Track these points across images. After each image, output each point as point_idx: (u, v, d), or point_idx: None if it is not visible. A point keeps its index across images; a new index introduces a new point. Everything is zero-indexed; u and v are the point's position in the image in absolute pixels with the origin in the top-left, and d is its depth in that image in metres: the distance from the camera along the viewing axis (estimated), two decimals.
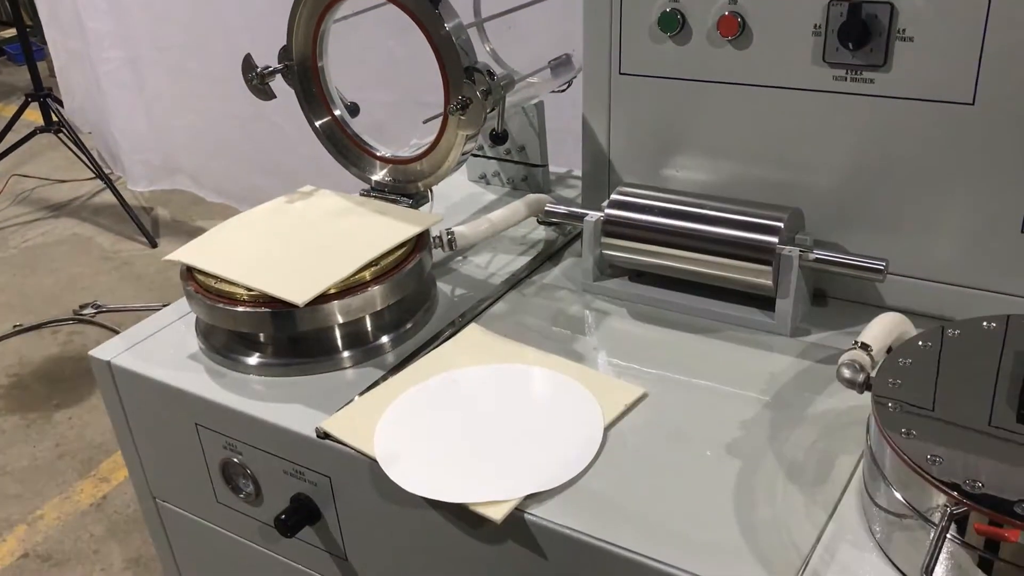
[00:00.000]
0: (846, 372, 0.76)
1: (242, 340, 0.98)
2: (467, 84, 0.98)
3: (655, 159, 1.08)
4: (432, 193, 1.12)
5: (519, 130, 1.28)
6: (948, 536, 0.62)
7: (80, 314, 2.81)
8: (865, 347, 0.79)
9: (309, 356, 0.96)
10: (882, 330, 0.82)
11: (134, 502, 1.99)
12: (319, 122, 1.16)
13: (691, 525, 0.73)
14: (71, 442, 2.29)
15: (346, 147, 1.16)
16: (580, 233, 1.08)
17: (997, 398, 0.70)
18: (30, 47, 3.39)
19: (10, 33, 5.02)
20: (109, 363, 1.00)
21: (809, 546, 0.70)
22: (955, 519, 0.61)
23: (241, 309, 0.93)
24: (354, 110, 1.17)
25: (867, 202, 0.97)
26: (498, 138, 1.04)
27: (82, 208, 3.57)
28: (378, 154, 1.14)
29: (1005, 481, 0.62)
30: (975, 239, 0.93)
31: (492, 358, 0.93)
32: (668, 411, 0.86)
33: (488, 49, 1.26)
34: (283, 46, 1.12)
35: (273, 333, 0.96)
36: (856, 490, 0.75)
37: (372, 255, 0.96)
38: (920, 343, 0.77)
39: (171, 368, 0.97)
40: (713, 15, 0.98)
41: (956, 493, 0.61)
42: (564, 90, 1.25)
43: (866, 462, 0.72)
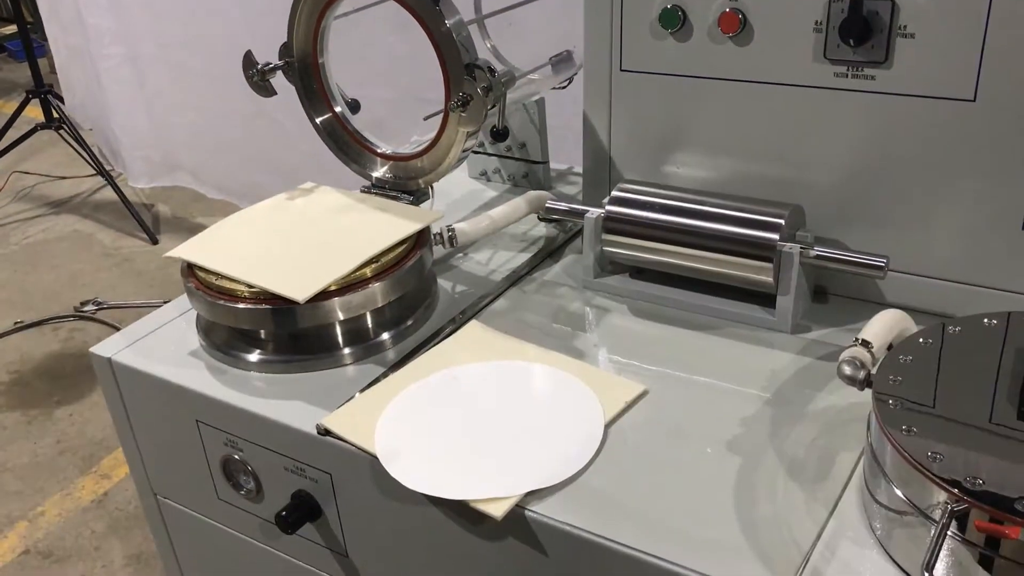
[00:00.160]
0: (847, 369, 0.76)
1: (243, 337, 0.98)
2: (468, 81, 0.98)
3: (656, 156, 1.08)
4: (433, 190, 1.12)
5: (520, 127, 1.28)
6: (949, 533, 0.62)
7: (81, 311, 2.81)
8: (866, 344, 0.79)
9: (310, 353, 0.96)
10: (883, 327, 0.82)
11: (135, 499, 1.99)
12: (320, 119, 1.16)
13: (692, 522, 0.73)
14: (72, 439, 2.29)
15: (347, 144, 1.16)
16: (581, 230, 1.08)
17: (998, 395, 0.70)
18: (31, 44, 3.39)
19: (11, 30, 5.02)
20: (110, 360, 1.00)
21: (810, 543, 0.70)
22: (956, 516, 0.61)
23: (242, 306, 0.93)
24: (355, 107, 1.17)
25: (868, 199, 0.97)
26: (499, 135, 1.04)
27: (83, 205, 3.57)
28: (379, 151, 1.14)
29: (1006, 478, 0.62)
30: (976, 236, 0.92)
31: (493, 355, 0.93)
32: (669, 408, 0.86)
33: (489, 46, 1.26)
34: (284, 43, 1.12)
35: (274, 330, 0.96)
36: (857, 487, 0.75)
37: (373, 252, 0.96)
38: (921, 340, 0.77)
39: (172, 365, 0.98)
40: (714, 12, 0.98)
41: (957, 490, 0.61)
42: (565, 87, 1.25)
43: (867, 459, 0.72)
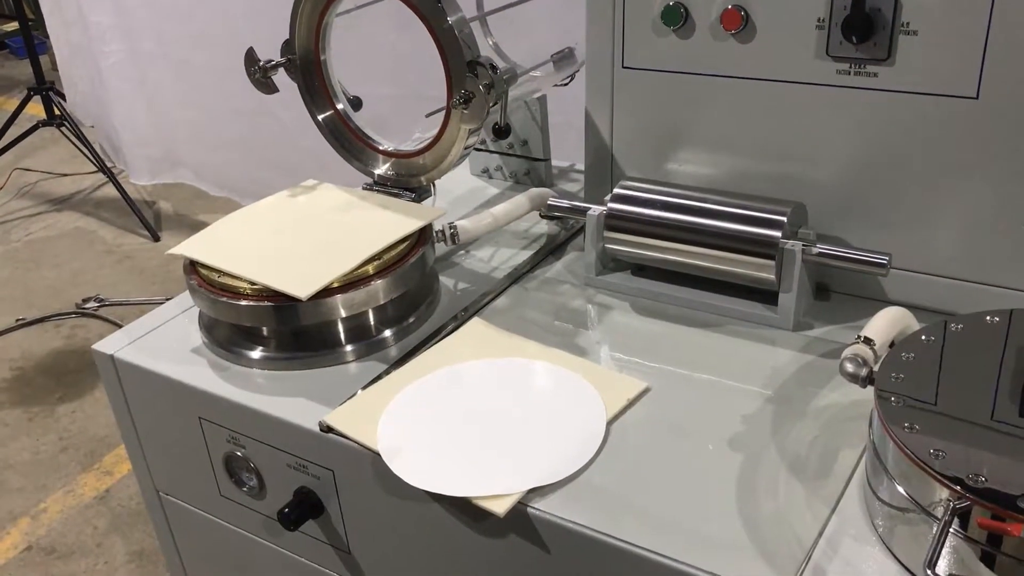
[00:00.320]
0: (849, 366, 0.76)
1: (245, 334, 0.98)
2: (470, 78, 0.98)
3: (658, 153, 1.08)
4: (435, 187, 1.12)
5: (522, 124, 1.28)
6: (951, 530, 0.62)
7: (83, 308, 2.81)
8: (868, 341, 0.79)
9: (312, 350, 0.96)
10: (885, 324, 0.82)
11: (137, 495, 2.00)
12: (322, 116, 1.16)
13: (694, 519, 0.73)
14: (74, 436, 2.30)
15: (349, 141, 1.16)
16: (583, 227, 1.08)
17: (1000, 392, 0.70)
18: (32, 41, 3.39)
19: (12, 27, 5.02)
20: (112, 357, 1.00)
21: (811, 540, 0.70)
22: (958, 513, 0.61)
23: (244, 303, 0.93)
24: (357, 104, 1.17)
25: (870, 196, 0.97)
26: (501, 132, 1.03)
27: (84, 202, 3.57)
28: (381, 148, 1.14)
29: (1008, 475, 0.62)
30: (978, 233, 0.92)
31: (495, 352, 0.93)
32: (671, 405, 0.86)
33: (491, 43, 1.26)
34: (286, 40, 1.12)
35: (276, 327, 0.96)
36: (859, 484, 0.75)
37: (375, 249, 0.96)
38: (923, 337, 0.77)
39: (174, 362, 0.98)
40: (716, 9, 0.98)
41: (959, 487, 0.61)
42: (567, 84, 1.25)
43: (869, 456, 0.72)
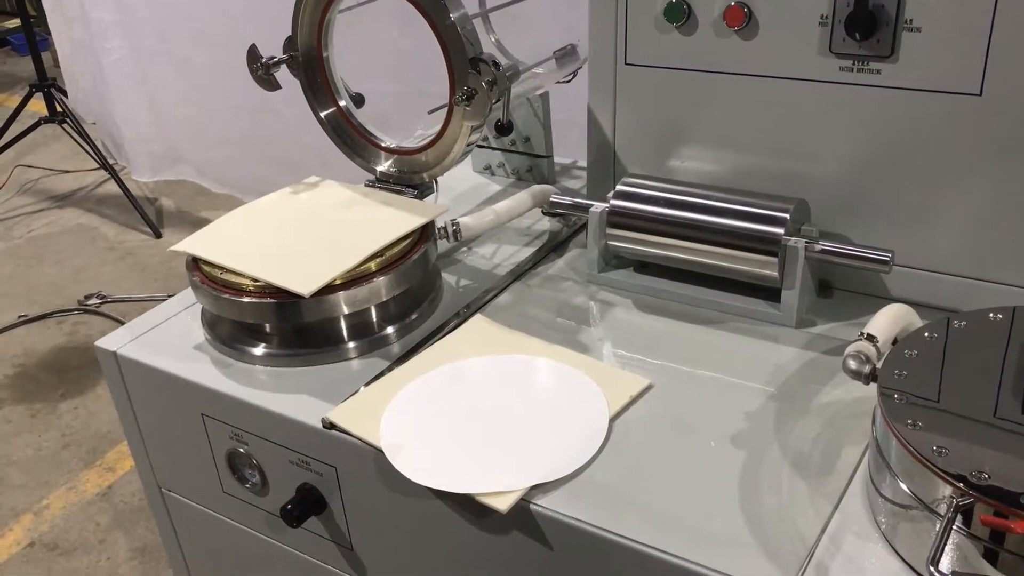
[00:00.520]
0: (852, 363, 0.76)
1: (248, 330, 0.98)
2: (472, 75, 0.98)
3: (660, 150, 1.08)
4: (437, 184, 1.12)
5: (524, 121, 1.28)
6: (954, 527, 0.62)
7: (85, 304, 2.81)
8: (871, 338, 0.79)
9: (315, 347, 0.96)
10: (888, 321, 0.82)
11: (140, 492, 2.00)
12: (324, 113, 1.16)
13: (696, 516, 0.73)
14: (77, 432, 2.30)
15: (351, 138, 1.16)
16: (585, 224, 1.08)
17: (1003, 390, 0.70)
18: (34, 37, 3.38)
19: (14, 23, 5.02)
20: (115, 353, 1.00)
21: (814, 537, 0.70)
22: (961, 510, 0.61)
23: (247, 299, 0.93)
24: (359, 101, 1.17)
25: (873, 193, 0.96)
26: (503, 129, 1.03)
27: (86, 198, 3.57)
28: (383, 145, 1.14)
29: (1011, 472, 0.62)
30: (981, 230, 0.92)
31: (497, 349, 0.93)
32: (673, 402, 0.86)
33: (493, 40, 1.26)
34: (288, 36, 1.12)
35: (279, 324, 0.96)
36: (861, 481, 0.75)
37: (377, 246, 0.96)
38: (926, 334, 0.77)
39: (177, 358, 0.98)
40: (719, 5, 0.97)
41: (962, 484, 0.61)
42: (569, 81, 1.25)
43: (871, 453, 0.72)
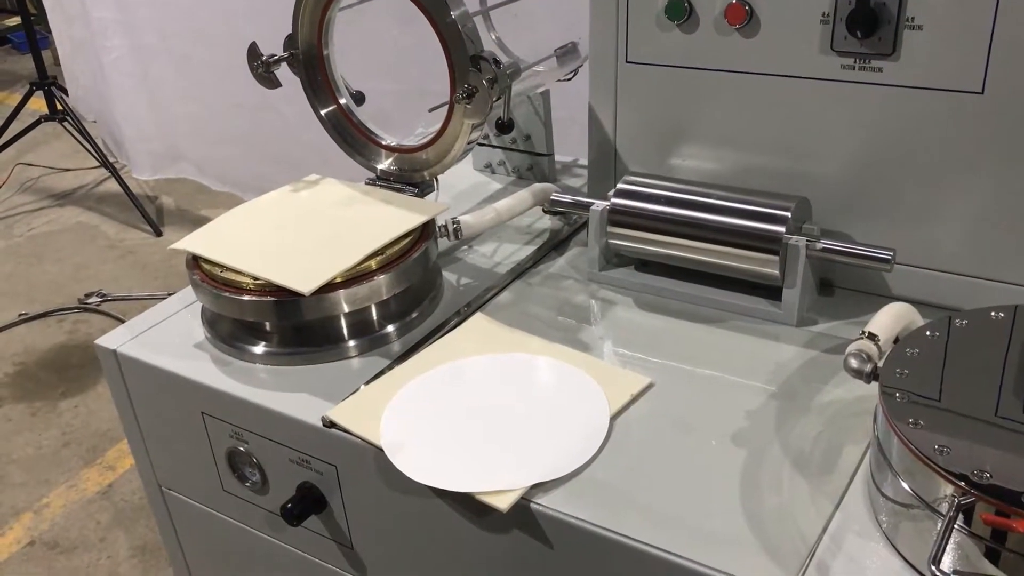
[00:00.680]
0: (853, 362, 0.76)
1: (248, 329, 0.98)
2: (473, 73, 0.98)
3: (661, 148, 1.08)
4: (438, 182, 1.12)
5: (525, 119, 1.27)
6: (955, 526, 0.62)
7: (85, 303, 2.81)
8: (872, 337, 0.79)
9: (315, 345, 0.96)
10: (889, 320, 0.82)
11: (140, 490, 2.00)
12: (324, 111, 1.15)
13: (697, 515, 0.73)
14: (77, 430, 2.30)
15: (351, 136, 1.15)
16: (586, 222, 1.08)
17: (1004, 388, 0.70)
18: (35, 35, 3.38)
19: (15, 21, 5.01)
20: (115, 352, 1.00)
21: (815, 536, 0.70)
22: (962, 509, 0.61)
23: (247, 298, 0.93)
24: (360, 99, 1.16)
25: (874, 192, 0.96)
26: (504, 127, 1.03)
27: (87, 197, 3.57)
28: (383, 143, 1.14)
29: (1012, 471, 0.61)
30: (983, 229, 0.92)
31: (498, 347, 0.93)
32: (674, 401, 0.86)
33: (494, 37, 1.26)
34: (288, 34, 1.12)
35: (279, 322, 0.96)
36: (863, 480, 0.75)
37: (378, 244, 0.96)
38: (928, 333, 0.77)
39: (177, 357, 0.98)
40: (720, 3, 0.97)
41: (963, 483, 0.61)
42: (570, 79, 1.25)
43: (873, 452, 0.72)
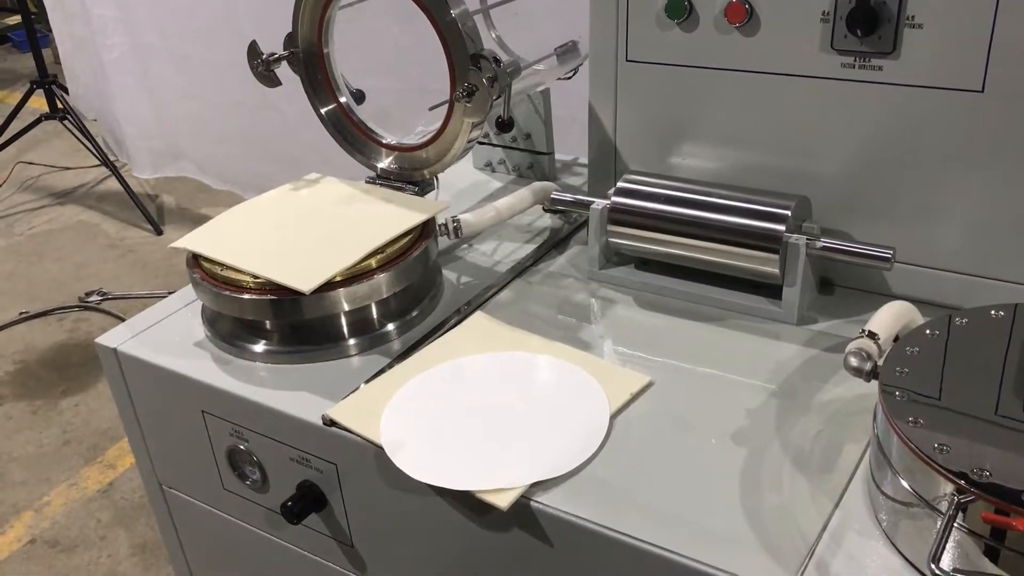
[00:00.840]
0: (853, 360, 0.76)
1: (248, 327, 0.98)
2: (473, 71, 0.98)
3: (661, 147, 1.08)
4: (438, 181, 1.12)
5: (525, 117, 1.27)
6: (955, 525, 0.62)
7: (86, 301, 2.81)
8: (872, 335, 0.79)
9: (315, 344, 0.96)
10: (889, 318, 0.82)
11: (140, 489, 1.99)
12: (324, 109, 1.15)
13: (697, 513, 0.73)
14: (77, 429, 2.30)
15: (351, 134, 1.15)
16: (586, 221, 1.08)
17: (1004, 387, 0.70)
18: (35, 34, 3.38)
19: (15, 20, 5.01)
20: (116, 350, 1.00)
21: (815, 534, 0.70)
22: (962, 508, 0.61)
23: (247, 296, 0.93)
24: (360, 97, 1.16)
25: (874, 190, 0.96)
26: (504, 125, 1.03)
27: (87, 195, 3.57)
28: (384, 141, 1.14)
29: (1012, 470, 0.61)
30: (983, 227, 0.92)
31: (498, 346, 0.93)
32: (674, 399, 0.86)
33: (494, 36, 1.26)
34: (289, 33, 1.12)
35: (279, 320, 0.96)
36: (862, 479, 0.75)
37: (378, 243, 0.96)
38: (927, 332, 0.77)
39: (177, 355, 0.98)
40: (720, 2, 0.97)
41: (963, 482, 0.61)
42: (570, 77, 1.25)
43: (873, 451, 0.72)
